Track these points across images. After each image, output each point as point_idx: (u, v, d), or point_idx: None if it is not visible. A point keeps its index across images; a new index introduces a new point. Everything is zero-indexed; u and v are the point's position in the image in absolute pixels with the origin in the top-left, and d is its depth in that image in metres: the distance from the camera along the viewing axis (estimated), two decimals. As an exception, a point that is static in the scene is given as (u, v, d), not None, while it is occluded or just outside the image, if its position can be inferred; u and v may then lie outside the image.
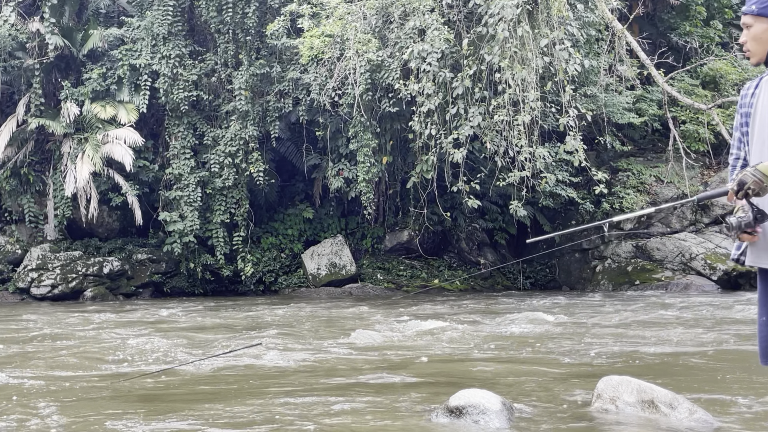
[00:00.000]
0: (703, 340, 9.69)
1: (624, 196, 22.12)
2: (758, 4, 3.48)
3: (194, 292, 21.89)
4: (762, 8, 3.47)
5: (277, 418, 5.64)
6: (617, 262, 21.80)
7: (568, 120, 16.63)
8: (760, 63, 3.58)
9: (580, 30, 18.56)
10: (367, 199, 19.88)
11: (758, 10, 3.48)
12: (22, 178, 20.99)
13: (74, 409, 5.98)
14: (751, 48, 3.54)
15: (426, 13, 17.51)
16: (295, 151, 22.60)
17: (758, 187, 3.27)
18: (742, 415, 5.44)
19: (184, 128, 21.27)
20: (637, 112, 22.59)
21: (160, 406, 6.12)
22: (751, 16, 3.50)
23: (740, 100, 3.71)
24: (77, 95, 20.72)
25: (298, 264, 22.58)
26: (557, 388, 6.60)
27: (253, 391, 6.68)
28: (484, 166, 19.60)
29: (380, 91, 18.96)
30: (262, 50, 21.02)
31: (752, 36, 3.51)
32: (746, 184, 3.28)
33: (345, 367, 8.12)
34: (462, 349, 9.39)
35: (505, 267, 23.77)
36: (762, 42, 3.50)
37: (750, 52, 3.56)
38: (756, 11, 3.48)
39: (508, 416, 5.28)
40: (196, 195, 20.94)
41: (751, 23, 3.51)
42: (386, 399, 6.23)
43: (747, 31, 3.54)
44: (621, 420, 5.32)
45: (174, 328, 12.28)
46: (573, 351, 8.96)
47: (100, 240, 21.92)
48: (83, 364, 8.37)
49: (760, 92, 3.60)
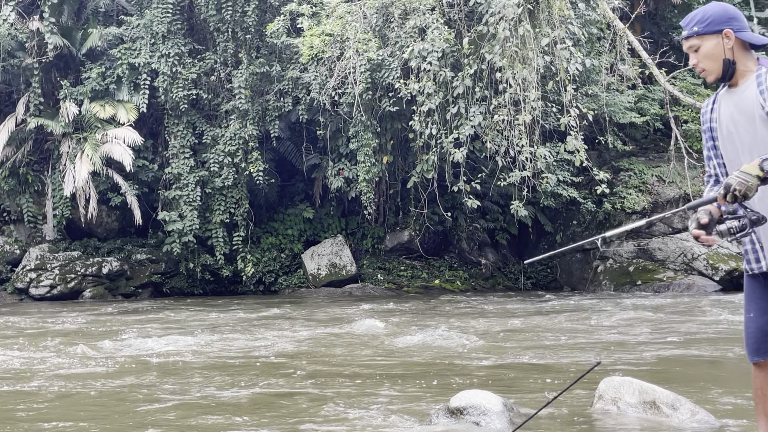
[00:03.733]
0: (705, 341, 9.61)
1: (626, 196, 22.03)
2: (700, 25, 3.57)
3: (194, 293, 21.80)
4: (705, 27, 3.56)
5: (279, 417, 5.56)
6: (619, 263, 21.70)
7: (569, 119, 16.55)
8: (718, 78, 3.63)
9: (582, 29, 18.48)
10: (368, 199, 19.81)
11: (702, 29, 3.57)
12: (20, 178, 20.91)
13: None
14: (707, 67, 3.60)
15: (426, 12, 17.46)
16: (295, 150, 22.52)
17: (744, 187, 3.28)
18: (744, 416, 5.39)
19: (184, 127, 21.19)
20: (639, 111, 22.51)
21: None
22: (696, 37, 3.58)
23: (702, 119, 3.79)
24: (76, 94, 20.64)
25: (298, 264, 22.50)
26: (558, 389, 6.53)
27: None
28: (485, 166, 19.52)
29: (380, 91, 18.89)
30: (261, 49, 20.95)
31: (704, 55, 3.58)
32: (731, 186, 3.31)
33: (345, 367, 8.05)
34: (462, 349, 9.32)
35: (507, 267, 23.73)
36: (715, 57, 3.57)
37: (706, 72, 3.62)
38: (701, 31, 3.57)
39: (509, 417, 5.24)
40: (195, 195, 20.86)
41: (697, 44, 3.59)
42: (387, 400, 6.17)
43: (695, 53, 3.61)
44: (623, 421, 5.28)
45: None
46: (574, 351, 8.89)
47: (99, 240, 21.84)
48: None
49: (719, 107, 3.68)
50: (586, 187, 21.90)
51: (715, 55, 3.55)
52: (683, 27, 3.63)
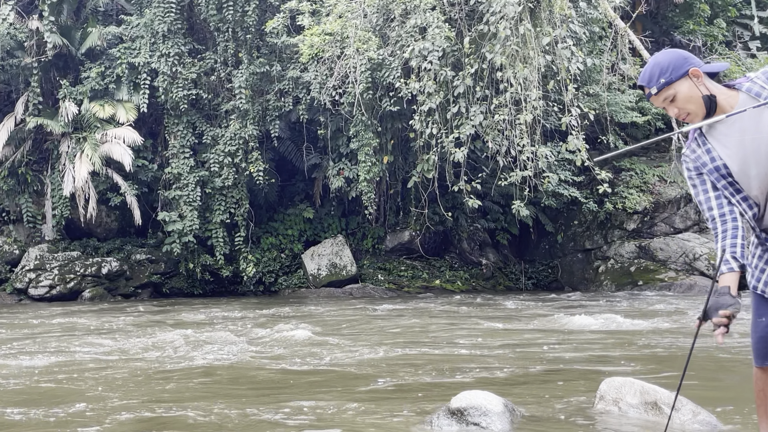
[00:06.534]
0: (707, 341, 9.53)
1: (627, 195, 21.97)
2: (665, 75, 3.49)
3: (193, 293, 21.75)
4: (671, 75, 3.49)
5: (273, 420, 5.50)
6: (620, 263, 21.64)
7: (570, 119, 16.50)
8: (703, 117, 3.52)
9: (583, 28, 18.43)
10: (368, 199, 19.76)
11: (672, 77, 3.49)
12: (20, 178, 20.86)
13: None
14: (691, 110, 3.52)
15: (427, 11, 17.40)
16: (296, 150, 22.46)
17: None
18: (746, 417, 5.35)
19: (184, 127, 21.14)
20: (640, 111, 22.46)
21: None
22: (667, 86, 3.51)
23: (691, 164, 3.61)
24: (76, 94, 20.59)
25: (298, 264, 22.44)
26: (559, 389, 6.50)
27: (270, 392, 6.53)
28: (486, 166, 19.47)
29: (381, 90, 18.84)
30: (262, 48, 20.90)
31: (683, 99, 3.51)
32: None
33: (345, 367, 7.99)
34: (462, 349, 9.27)
35: (508, 267, 23.68)
36: (694, 98, 3.49)
37: (691, 115, 3.54)
38: (671, 79, 3.49)
39: (510, 418, 5.20)
40: (195, 195, 20.81)
41: (672, 93, 3.51)
42: (387, 400, 6.13)
43: (673, 103, 3.54)
44: (624, 422, 5.24)
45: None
46: (574, 351, 8.84)
47: (99, 240, 21.78)
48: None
49: (714, 145, 3.52)
50: (588, 187, 21.86)
51: (693, 96, 3.48)
52: (647, 86, 3.54)
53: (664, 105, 3.58)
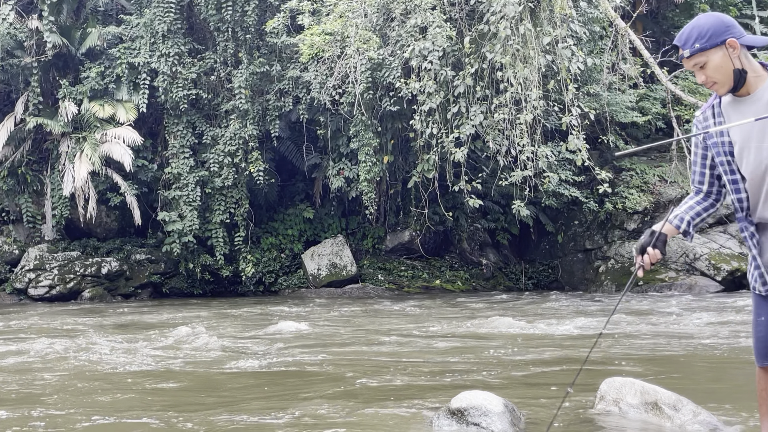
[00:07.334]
0: (707, 342, 9.52)
1: (627, 195, 21.94)
2: (701, 40, 3.42)
3: (193, 293, 21.73)
4: (707, 41, 3.42)
5: (273, 420, 5.48)
6: (620, 263, 21.61)
7: (570, 119, 16.47)
8: (730, 89, 3.49)
9: (583, 28, 18.40)
10: (369, 199, 19.74)
11: (704, 44, 3.42)
12: (19, 178, 20.84)
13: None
14: (718, 79, 3.47)
15: (427, 11, 17.37)
16: (296, 150, 22.44)
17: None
18: (747, 417, 5.33)
19: (184, 127, 21.12)
20: (641, 110, 22.43)
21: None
22: (701, 53, 3.44)
23: (698, 127, 3.62)
24: (75, 94, 20.57)
25: (298, 264, 22.42)
26: (560, 390, 6.47)
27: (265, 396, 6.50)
28: (486, 166, 19.44)
29: (381, 90, 18.82)
30: (261, 48, 20.88)
31: (713, 69, 3.44)
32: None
33: (345, 367, 7.97)
34: (463, 349, 9.25)
35: (508, 267, 23.65)
36: (725, 69, 3.43)
37: (717, 85, 3.49)
38: (704, 47, 3.42)
39: (510, 418, 5.18)
40: (195, 195, 20.78)
41: (703, 60, 3.45)
42: (387, 401, 6.11)
43: (702, 70, 3.48)
44: (624, 422, 5.22)
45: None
46: (574, 352, 8.82)
47: (99, 240, 21.76)
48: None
49: (727, 119, 3.51)
50: (588, 187, 21.83)
51: (725, 67, 3.41)
52: (681, 47, 3.48)
53: (693, 69, 3.53)
